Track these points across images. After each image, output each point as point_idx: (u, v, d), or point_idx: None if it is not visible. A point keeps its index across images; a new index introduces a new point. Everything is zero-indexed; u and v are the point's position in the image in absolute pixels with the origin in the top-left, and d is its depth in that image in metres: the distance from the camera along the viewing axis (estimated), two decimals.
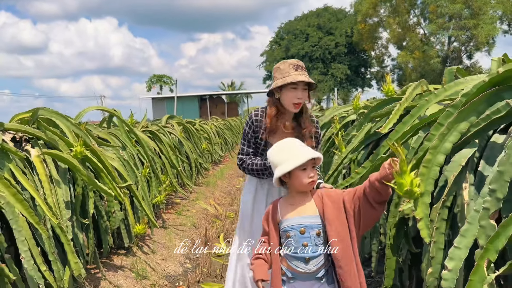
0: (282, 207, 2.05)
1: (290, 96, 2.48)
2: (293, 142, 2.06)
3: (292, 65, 2.50)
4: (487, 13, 26.05)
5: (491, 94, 1.81)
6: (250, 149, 2.66)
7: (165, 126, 7.57)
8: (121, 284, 3.77)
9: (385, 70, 34.70)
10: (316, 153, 1.99)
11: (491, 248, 1.36)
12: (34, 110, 3.40)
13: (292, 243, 1.96)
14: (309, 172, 1.96)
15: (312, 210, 1.98)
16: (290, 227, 1.97)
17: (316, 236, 1.94)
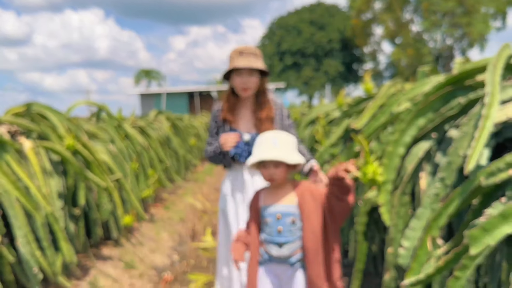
0: (264, 195, 2.15)
1: (237, 81, 2.55)
2: (267, 138, 2.08)
3: (238, 51, 2.56)
4: (479, 11, 26.33)
5: (446, 93, 1.99)
6: (212, 138, 2.74)
7: (154, 122, 7.71)
8: (110, 273, 3.93)
9: (378, 67, 34.94)
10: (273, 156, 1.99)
11: (434, 225, 1.54)
12: (28, 105, 3.55)
13: (269, 228, 2.08)
14: (268, 170, 2.03)
15: (290, 200, 2.08)
16: (268, 214, 2.08)
17: (291, 224, 2.04)
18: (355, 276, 2.69)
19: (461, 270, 1.40)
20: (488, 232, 1.16)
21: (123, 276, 3.96)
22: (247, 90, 2.55)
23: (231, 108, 2.64)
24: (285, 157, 1.98)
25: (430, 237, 1.58)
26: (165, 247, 4.98)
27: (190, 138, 9.71)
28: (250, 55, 2.54)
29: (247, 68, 2.51)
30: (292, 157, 2.00)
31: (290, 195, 2.10)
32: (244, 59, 2.51)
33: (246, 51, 2.55)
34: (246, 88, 2.55)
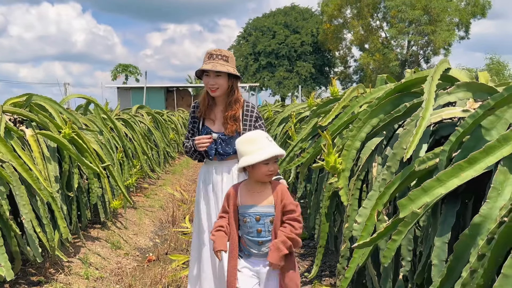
0: (242, 192, 2.22)
1: (205, 82, 2.75)
2: (261, 135, 2.18)
3: (208, 54, 2.74)
4: (444, 20, 27.54)
5: (395, 98, 2.47)
6: (189, 134, 2.95)
7: (136, 115, 8.04)
8: (98, 251, 4.30)
9: (348, 70, 35.95)
10: (281, 150, 2.16)
11: (379, 202, 2.01)
12: (28, 96, 3.87)
13: (248, 227, 2.17)
14: (270, 166, 2.13)
15: (269, 200, 2.17)
16: (247, 214, 2.17)
17: (270, 224, 2.16)
18: (318, 251, 3.17)
19: (397, 234, 1.87)
20: (413, 201, 1.62)
21: (111, 255, 4.33)
22: (214, 90, 2.74)
23: (205, 105, 2.83)
24: (283, 151, 2.18)
25: (376, 211, 2.05)
26: (147, 231, 5.37)
27: (169, 132, 10.06)
28: (219, 59, 2.69)
29: (214, 71, 2.69)
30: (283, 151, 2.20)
31: (267, 195, 2.19)
32: (211, 63, 2.68)
33: (216, 54, 2.71)
34: (212, 89, 2.73)
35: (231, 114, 2.78)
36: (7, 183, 2.97)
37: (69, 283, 3.56)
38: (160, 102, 27.37)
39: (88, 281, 3.67)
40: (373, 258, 2.49)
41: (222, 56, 2.72)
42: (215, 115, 2.86)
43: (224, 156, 2.82)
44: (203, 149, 2.76)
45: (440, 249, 1.68)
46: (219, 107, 2.84)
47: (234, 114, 2.78)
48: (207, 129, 2.84)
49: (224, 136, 2.79)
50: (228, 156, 2.83)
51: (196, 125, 2.90)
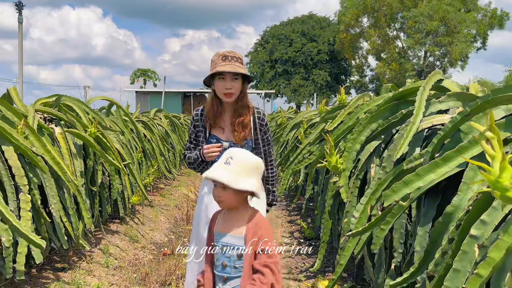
0: (219, 218, 1.95)
1: (219, 86, 2.49)
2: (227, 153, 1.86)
3: (221, 56, 2.50)
4: (462, 32, 27.52)
5: (393, 105, 2.72)
6: (191, 144, 2.69)
7: (154, 118, 8.37)
8: (117, 243, 4.59)
9: (364, 79, 36.02)
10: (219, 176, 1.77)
11: (372, 197, 2.25)
12: (58, 97, 4.20)
13: (215, 258, 1.88)
14: (216, 190, 1.84)
15: (239, 230, 1.84)
16: (216, 241, 1.88)
17: (237, 258, 1.81)
18: (321, 246, 3.41)
19: (385, 224, 2.11)
20: (395, 192, 1.86)
21: (128, 248, 4.62)
22: (230, 95, 2.51)
23: (213, 113, 2.58)
24: (231, 180, 1.74)
25: (369, 205, 2.30)
26: (163, 227, 5.65)
27: (185, 135, 10.37)
28: (234, 60, 2.49)
29: (231, 72, 2.47)
30: (240, 182, 1.75)
31: (239, 224, 1.85)
32: (229, 64, 2.46)
33: (230, 56, 2.51)
34: (229, 93, 2.50)
35: (240, 121, 2.57)
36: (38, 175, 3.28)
37: (91, 270, 3.85)
38: (177, 107, 27.86)
39: (108, 269, 3.96)
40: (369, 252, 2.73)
41: (237, 59, 2.53)
42: (224, 123, 2.62)
43: None
44: (213, 158, 2.48)
45: (422, 237, 1.92)
46: (227, 113, 2.61)
47: (243, 120, 2.57)
48: (215, 137, 2.60)
49: (235, 144, 2.56)
50: None
51: (202, 134, 2.63)
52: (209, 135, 2.62)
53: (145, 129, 6.80)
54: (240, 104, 2.58)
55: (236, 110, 2.59)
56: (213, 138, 2.61)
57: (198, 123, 2.65)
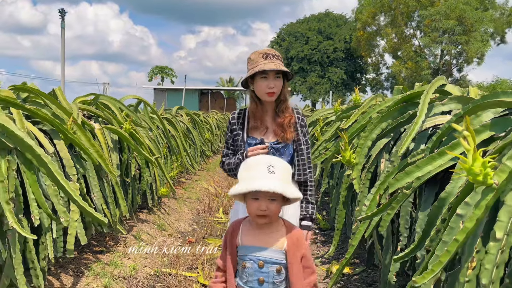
0: (244, 229, 1.80)
1: (262, 85, 2.39)
2: (263, 162, 1.74)
3: (262, 54, 2.40)
4: (478, 30, 27.46)
5: (401, 107, 3.05)
6: (229, 150, 2.56)
7: (176, 115, 8.78)
8: (147, 231, 4.99)
9: (380, 77, 36.09)
10: (277, 187, 1.63)
11: (381, 187, 2.59)
12: (96, 96, 4.61)
13: (246, 274, 1.74)
14: (261, 204, 1.67)
15: (279, 244, 1.74)
16: (247, 257, 1.74)
17: (276, 274, 1.72)
18: (335, 234, 3.75)
19: (391, 209, 2.45)
20: (398, 181, 2.20)
21: (157, 235, 5.03)
22: (273, 94, 2.40)
23: (253, 113, 2.49)
24: (286, 189, 1.64)
25: (378, 194, 2.64)
26: (187, 218, 6.05)
27: (204, 132, 10.79)
28: (275, 58, 2.41)
29: (274, 71, 2.38)
30: (291, 190, 1.68)
31: (277, 235, 1.76)
32: (271, 62, 2.37)
33: (271, 54, 2.42)
34: (271, 92, 2.39)
35: (288, 120, 2.45)
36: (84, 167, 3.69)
37: (125, 253, 4.25)
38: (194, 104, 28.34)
39: (141, 253, 4.36)
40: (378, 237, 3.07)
41: (278, 56, 2.44)
42: (265, 124, 2.50)
43: None
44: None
45: (422, 220, 2.25)
46: (268, 114, 2.51)
47: (290, 119, 2.46)
48: (255, 139, 2.46)
49: (278, 145, 2.44)
50: None
51: (240, 138, 2.50)
52: (247, 137, 2.48)
53: (169, 125, 7.20)
54: (283, 103, 2.48)
55: (279, 110, 2.47)
56: (252, 140, 2.46)
57: (235, 126, 2.52)
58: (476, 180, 1.38)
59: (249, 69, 2.44)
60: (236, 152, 2.51)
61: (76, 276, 3.58)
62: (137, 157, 4.89)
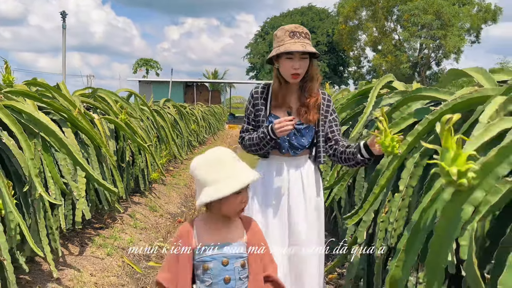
0: (200, 230, 1.68)
1: (286, 66, 2.27)
2: (228, 156, 1.66)
3: (288, 32, 2.27)
4: (456, 25, 28.37)
5: (357, 99, 3.65)
6: (249, 126, 2.45)
7: (164, 107, 9.30)
8: (140, 212, 5.55)
9: (362, 70, 36.91)
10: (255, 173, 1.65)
11: (337, 165, 3.19)
12: (94, 89, 5.14)
13: (210, 276, 1.64)
14: (242, 197, 1.64)
15: (238, 236, 1.70)
16: (209, 257, 1.64)
17: (241, 268, 1.67)
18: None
19: (344, 181, 3.06)
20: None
21: (149, 215, 5.59)
22: (297, 76, 2.29)
23: (276, 92, 2.38)
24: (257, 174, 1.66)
25: (336, 170, 3.24)
26: (176, 202, 6.62)
27: (190, 124, 11.32)
28: (302, 36, 2.27)
29: (301, 52, 2.24)
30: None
31: (237, 229, 1.72)
32: (298, 42, 2.23)
33: (299, 32, 2.28)
34: (296, 74, 2.28)
35: (314, 101, 2.36)
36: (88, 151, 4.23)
37: (123, 229, 4.81)
38: (179, 96, 28.71)
39: (136, 229, 4.92)
40: (339, 209, 3.68)
41: (306, 34, 2.31)
42: (289, 103, 2.40)
43: (298, 150, 2.37)
44: (287, 133, 2.23)
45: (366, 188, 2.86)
46: (293, 93, 2.41)
47: (316, 100, 2.37)
48: (278, 118, 2.32)
49: (300, 126, 2.35)
50: (302, 150, 2.40)
51: (262, 113, 2.40)
52: (269, 115, 2.39)
53: (158, 117, 7.73)
54: (309, 84, 2.37)
55: (305, 90, 2.37)
56: (274, 118, 2.34)
57: (257, 101, 2.42)
58: (387, 151, 1.97)
59: (274, 47, 2.33)
60: (257, 128, 2.40)
61: (81, 246, 4.12)
62: (131, 145, 5.43)
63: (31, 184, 2.77)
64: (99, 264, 3.85)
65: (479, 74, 2.36)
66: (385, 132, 1.97)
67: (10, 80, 3.68)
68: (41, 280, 3.22)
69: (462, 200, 1.37)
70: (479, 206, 1.37)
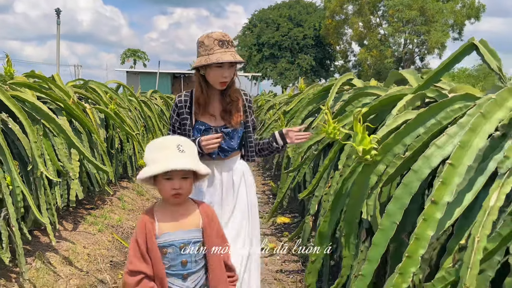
0: (159, 217, 1.76)
1: (215, 75, 2.33)
2: (173, 142, 1.75)
3: (217, 40, 2.31)
4: (439, 21, 29.02)
5: (322, 94, 4.13)
6: (175, 134, 2.50)
7: (151, 98, 9.70)
8: (128, 195, 6.00)
9: (348, 64, 37.47)
10: (192, 165, 1.70)
11: (301, 151, 3.68)
12: (85, 81, 5.56)
13: (168, 259, 1.74)
14: (174, 183, 1.69)
15: (194, 223, 1.78)
16: (168, 243, 1.73)
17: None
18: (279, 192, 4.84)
19: (305, 164, 3.54)
20: (304, 144, 3.30)
21: (137, 199, 6.05)
22: (226, 83, 2.38)
23: (204, 100, 2.42)
24: (198, 166, 1.72)
25: (300, 156, 3.72)
26: None
27: None
28: (230, 45, 2.35)
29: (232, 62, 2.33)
30: (202, 166, 1.75)
31: (193, 215, 1.80)
32: (228, 52, 2.31)
33: (227, 40, 2.34)
34: (225, 82, 2.37)
35: (236, 104, 2.47)
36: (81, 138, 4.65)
37: (112, 210, 5.26)
38: (167, 87, 28.93)
39: (124, 211, 5.38)
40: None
41: (232, 43, 2.39)
42: (213, 109, 2.47)
43: (228, 152, 2.46)
44: (213, 150, 2.34)
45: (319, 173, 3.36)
46: (215, 98, 2.47)
47: (238, 104, 2.48)
48: (204, 125, 2.44)
49: (227, 129, 2.44)
50: (233, 152, 2.49)
51: (188, 122, 2.45)
52: (195, 122, 2.45)
53: (145, 107, 8.15)
54: (232, 88, 2.45)
55: (227, 95, 2.45)
56: (201, 125, 2.43)
57: (182, 110, 2.46)
58: (330, 137, 2.45)
59: (201, 54, 2.35)
60: (183, 136, 2.36)
61: (75, 224, 4.57)
62: (119, 133, 5.87)
63: (34, 164, 3.21)
64: (91, 238, 4.30)
65: (411, 76, 2.87)
66: (329, 122, 2.44)
67: (11, 72, 4.09)
68: (41, 250, 3.67)
69: (369, 171, 1.86)
70: (382, 176, 1.86)
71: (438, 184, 1.32)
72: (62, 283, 3.37)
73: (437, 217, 1.30)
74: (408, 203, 1.54)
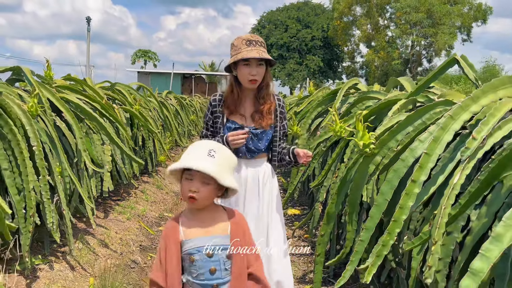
0: (185, 224, 1.75)
1: (244, 72, 2.41)
2: (205, 145, 1.74)
3: (245, 40, 2.41)
4: (446, 24, 29.33)
5: (330, 97, 4.58)
6: (208, 131, 2.59)
7: (166, 99, 10.21)
8: (149, 189, 6.49)
9: (355, 65, 37.86)
10: (205, 167, 1.63)
11: (312, 147, 4.14)
12: (113, 84, 6.05)
13: (196, 268, 1.70)
14: (192, 184, 1.66)
15: (223, 229, 1.76)
16: (195, 249, 1.70)
17: (226, 259, 1.73)
18: (290, 184, 5.29)
19: (315, 159, 4.00)
20: (316, 140, 3.75)
21: (157, 192, 6.53)
22: (255, 82, 2.43)
23: (233, 99, 2.50)
24: (218, 174, 1.65)
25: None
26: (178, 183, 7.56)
27: (190, 114, 12.23)
28: (258, 45, 2.42)
29: (257, 58, 2.39)
30: (226, 177, 1.68)
31: (220, 220, 1.77)
32: (255, 49, 2.38)
33: (254, 40, 2.43)
34: (254, 80, 2.42)
35: (268, 107, 2.50)
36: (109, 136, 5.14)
37: (137, 201, 5.75)
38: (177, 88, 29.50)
39: (148, 202, 5.86)
40: None
41: (261, 43, 2.46)
42: (244, 110, 2.53)
43: (255, 153, 2.52)
44: (240, 146, 2.43)
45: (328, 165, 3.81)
46: (248, 100, 2.54)
47: (270, 107, 2.51)
48: (235, 124, 2.51)
49: (256, 131, 2.49)
50: (259, 154, 2.54)
51: (219, 121, 2.53)
52: (227, 121, 2.52)
53: (163, 107, 8.65)
54: (264, 90, 2.51)
55: (260, 97, 2.51)
56: (232, 124, 2.50)
57: (216, 108, 2.54)
58: (337, 135, 2.91)
59: (232, 55, 2.45)
60: (215, 134, 2.55)
61: (105, 213, 5.06)
62: (142, 131, 6.35)
63: (78, 157, 3.70)
64: (121, 225, 4.79)
65: (407, 82, 3.32)
66: (336, 122, 2.90)
67: (50, 76, 4.58)
68: (80, 233, 4.16)
69: (368, 161, 2.32)
70: (378, 165, 2.32)
71: (416, 168, 1.78)
72: (102, 262, 3.86)
73: (415, 192, 1.75)
74: (397, 185, 1.99)
